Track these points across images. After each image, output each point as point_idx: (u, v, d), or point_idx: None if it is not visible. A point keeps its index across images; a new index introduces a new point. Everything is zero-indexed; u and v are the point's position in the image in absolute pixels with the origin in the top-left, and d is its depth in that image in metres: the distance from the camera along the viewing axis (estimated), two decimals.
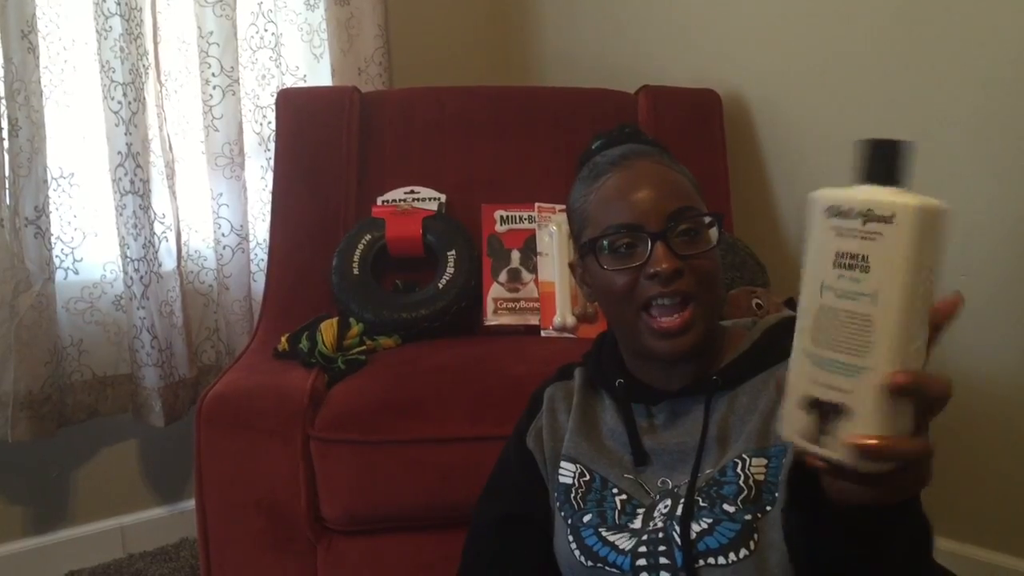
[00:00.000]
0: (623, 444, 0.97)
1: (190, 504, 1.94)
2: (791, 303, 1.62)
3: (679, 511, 0.87)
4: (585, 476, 0.97)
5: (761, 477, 0.85)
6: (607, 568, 0.90)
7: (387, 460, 1.35)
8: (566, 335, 1.68)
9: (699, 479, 0.89)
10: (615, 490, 0.94)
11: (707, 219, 0.93)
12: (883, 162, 0.61)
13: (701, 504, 0.87)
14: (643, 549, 0.88)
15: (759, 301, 1.53)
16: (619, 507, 0.93)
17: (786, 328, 0.94)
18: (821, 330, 0.61)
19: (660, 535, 0.88)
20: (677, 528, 0.86)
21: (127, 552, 2.05)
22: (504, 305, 1.73)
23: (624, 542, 0.90)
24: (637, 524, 0.91)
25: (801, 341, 0.63)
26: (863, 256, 0.58)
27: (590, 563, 0.91)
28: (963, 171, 1.61)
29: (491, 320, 1.73)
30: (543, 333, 1.70)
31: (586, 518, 0.94)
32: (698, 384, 0.94)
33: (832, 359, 0.60)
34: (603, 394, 1.02)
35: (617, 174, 0.94)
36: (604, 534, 0.92)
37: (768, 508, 0.84)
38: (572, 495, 0.97)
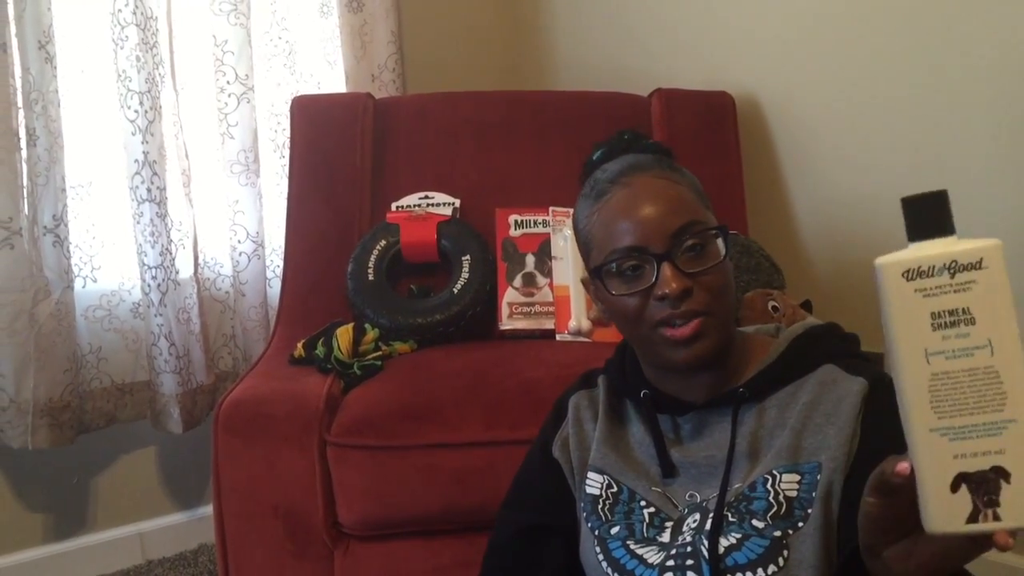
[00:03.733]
0: (651, 456, 0.96)
1: (208, 510, 1.96)
2: (807, 305, 1.61)
3: (707, 525, 0.87)
4: (613, 488, 0.96)
5: (793, 493, 0.85)
6: None
7: (403, 465, 1.35)
8: (581, 339, 1.68)
9: (728, 493, 0.88)
10: (643, 503, 0.94)
11: (713, 231, 0.91)
12: (935, 214, 0.60)
13: (730, 519, 0.86)
14: (671, 563, 0.87)
15: (775, 304, 1.53)
16: (647, 520, 0.92)
17: (812, 337, 0.96)
18: (942, 400, 0.57)
19: (688, 549, 0.87)
20: (705, 543, 0.85)
21: (146, 558, 2.07)
22: (519, 309, 1.73)
23: (652, 555, 0.89)
24: (665, 537, 0.90)
25: (920, 421, 0.58)
26: (963, 309, 0.57)
27: (617, 575, 0.91)
28: (979, 171, 1.60)
29: (506, 324, 1.73)
30: (558, 337, 1.69)
31: (614, 530, 0.94)
32: (724, 396, 0.93)
33: (969, 425, 0.57)
34: (628, 404, 1.01)
35: (618, 193, 0.92)
36: (632, 547, 0.91)
37: (800, 524, 0.83)
38: (600, 506, 0.96)
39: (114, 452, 2.04)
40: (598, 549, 0.94)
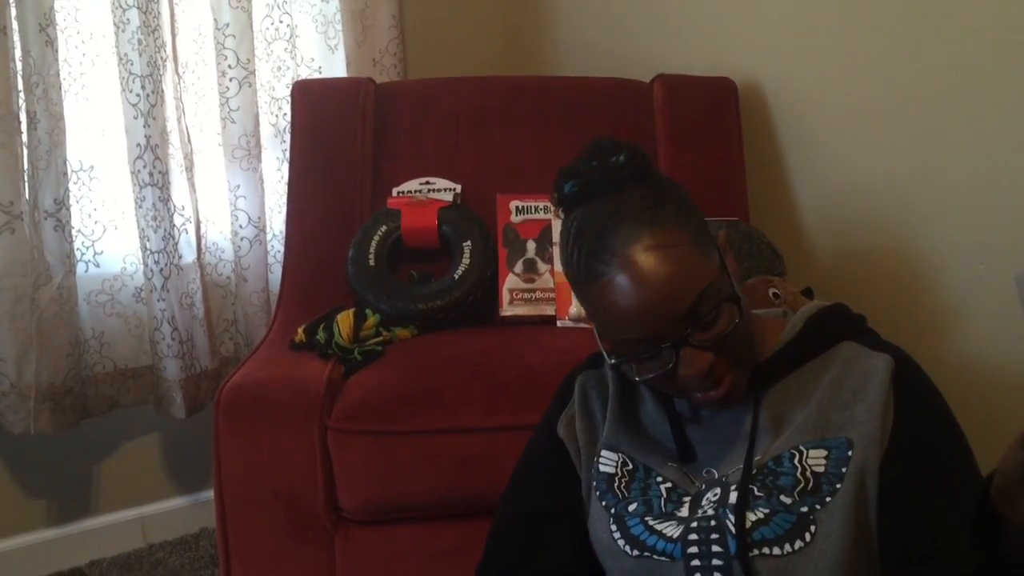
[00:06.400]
0: (665, 433, 0.96)
1: (210, 494, 1.96)
2: (808, 292, 1.61)
3: (731, 499, 0.87)
4: (628, 465, 0.96)
5: (820, 468, 0.85)
6: (655, 557, 0.89)
7: (404, 450, 1.35)
8: (582, 325, 1.68)
9: (751, 466, 0.89)
10: (659, 478, 0.94)
11: (725, 300, 0.85)
12: None
13: (757, 493, 0.86)
14: (694, 536, 0.87)
15: (776, 290, 1.53)
16: (664, 495, 0.92)
17: (827, 316, 0.97)
18: None
19: (712, 523, 0.87)
20: (731, 516, 0.85)
21: (147, 542, 2.08)
22: (520, 296, 1.73)
23: (671, 530, 0.89)
24: (684, 512, 0.90)
25: None
26: None
27: (636, 552, 0.90)
28: (983, 156, 1.59)
29: (507, 311, 1.73)
30: (559, 323, 1.70)
31: (631, 507, 0.93)
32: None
33: None
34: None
35: (614, 279, 0.84)
36: (651, 522, 0.91)
37: (828, 499, 0.84)
38: (616, 484, 0.96)
39: (117, 437, 2.05)
40: (614, 527, 0.93)
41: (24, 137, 1.73)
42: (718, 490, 0.89)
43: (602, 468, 0.98)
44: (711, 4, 2.08)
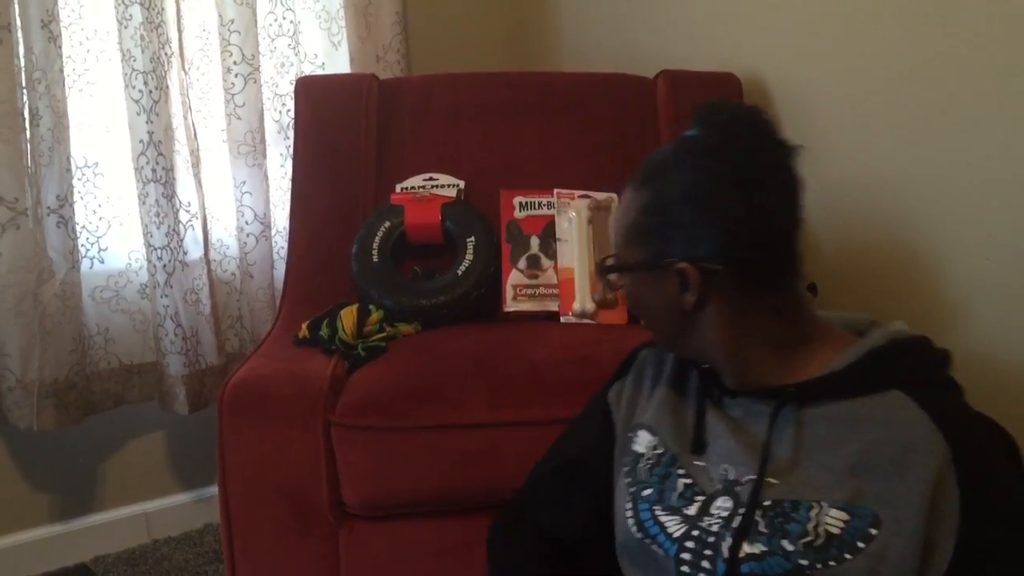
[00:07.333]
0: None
1: (214, 490, 1.96)
2: (812, 288, 1.60)
3: (735, 522, 0.85)
4: (658, 450, 0.97)
5: (836, 531, 0.81)
6: (654, 546, 0.91)
7: (407, 446, 1.35)
8: (586, 321, 1.68)
9: (763, 496, 0.86)
10: (681, 471, 0.94)
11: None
12: None
13: (761, 528, 0.84)
14: (690, 544, 0.87)
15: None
16: (680, 490, 0.93)
17: (893, 352, 0.89)
18: None
19: (711, 539, 0.86)
20: (729, 540, 0.85)
21: (152, 538, 2.08)
22: (523, 291, 1.73)
23: (674, 526, 0.90)
24: (692, 511, 0.90)
25: None
26: None
27: (639, 535, 0.93)
28: (988, 151, 1.59)
29: (510, 307, 1.73)
30: (562, 319, 1.69)
31: (645, 492, 0.95)
32: (772, 390, 0.91)
33: None
34: (693, 377, 1.01)
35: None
36: (658, 513, 0.92)
37: (831, 564, 0.80)
38: (641, 465, 0.97)
39: (121, 433, 2.05)
40: (629, 505, 0.96)
41: (27, 133, 1.73)
42: (730, 503, 0.88)
43: (634, 447, 0.99)
44: (715, 1, 2.07)
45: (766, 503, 0.85)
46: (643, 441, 0.99)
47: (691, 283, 0.91)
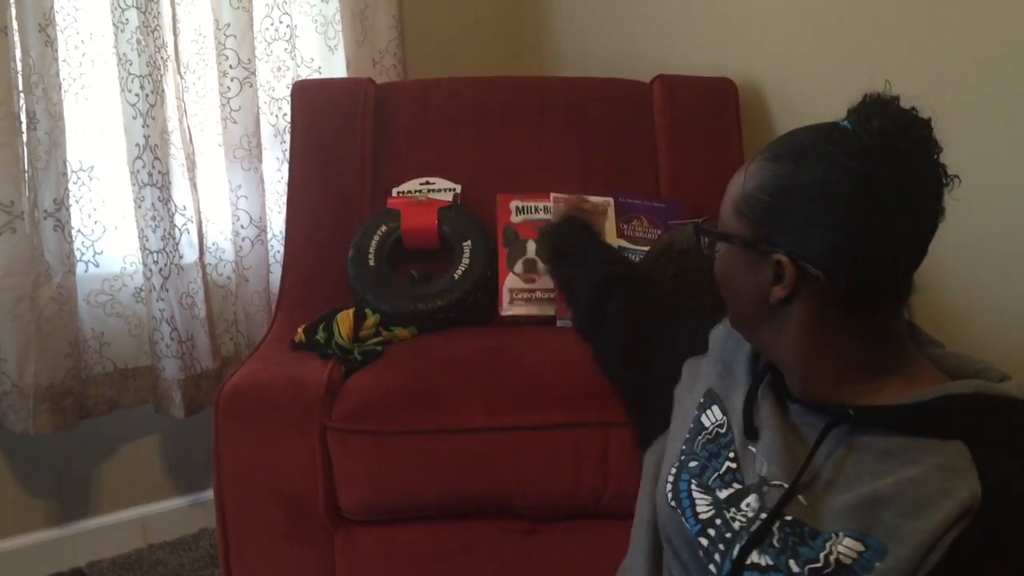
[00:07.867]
0: (767, 426, 0.92)
1: (210, 495, 1.96)
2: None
3: (755, 526, 0.84)
4: (722, 429, 0.96)
5: (847, 561, 0.77)
6: (682, 519, 0.91)
7: (404, 451, 1.35)
8: None
9: (787, 510, 0.83)
10: (731, 455, 0.93)
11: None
12: None
13: (775, 541, 0.82)
14: (711, 531, 0.88)
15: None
16: (722, 471, 0.92)
17: (970, 406, 0.82)
18: None
19: (728, 535, 0.86)
20: (743, 541, 0.84)
21: (147, 542, 2.07)
22: (520, 296, 1.73)
23: (703, 507, 0.90)
24: (723, 495, 0.90)
25: None
26: None
27: (673, 503, 0.93)
28: (984, 155, 1.59)
29: (507, 311, 1.73)
30: (559, 323, 1.69)
31: (692, 464, 0.95)
32: (829, 406, 0.88)
33: None
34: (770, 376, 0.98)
35: None
36: (693, 488, 0.92)
37: None
38: (700, 436, 0.97)
39: (117, 437, 2.05)
40: (673, 471, 0.96)
41: (24, 137, 1.73)
42: (757, 505, 0.86)
43: (703, 419, 0.98)
44: (711, 5, 2.08)
45: (788, 517, 0.83)
46: (714, 416, 0.97)
47: (786, 279, 0.86)
